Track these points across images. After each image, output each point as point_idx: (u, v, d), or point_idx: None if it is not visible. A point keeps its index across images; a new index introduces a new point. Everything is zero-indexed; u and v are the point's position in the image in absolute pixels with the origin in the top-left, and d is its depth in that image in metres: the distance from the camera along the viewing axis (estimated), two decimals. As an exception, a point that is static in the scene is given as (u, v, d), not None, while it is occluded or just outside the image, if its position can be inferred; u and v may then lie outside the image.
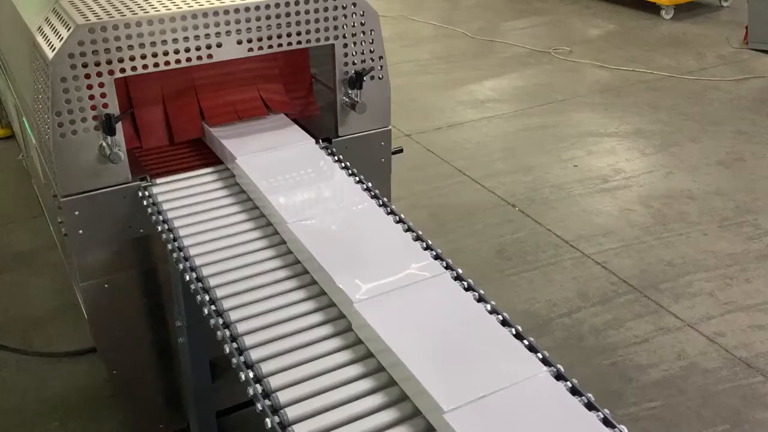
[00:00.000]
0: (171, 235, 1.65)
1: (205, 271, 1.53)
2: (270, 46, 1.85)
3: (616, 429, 1.11)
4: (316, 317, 1.41)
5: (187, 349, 1.89)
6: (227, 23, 1.77)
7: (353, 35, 1.94)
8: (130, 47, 1.69)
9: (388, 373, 1.26)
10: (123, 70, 1.70)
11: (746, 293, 2.98)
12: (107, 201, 1.80)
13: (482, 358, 1.22)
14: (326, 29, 1.90)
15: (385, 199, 1.73)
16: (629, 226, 3.45)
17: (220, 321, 1.39)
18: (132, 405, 2.16)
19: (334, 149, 1.99)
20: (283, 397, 1.21)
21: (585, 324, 2.84)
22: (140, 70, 1.72)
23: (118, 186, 1.81)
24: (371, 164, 2.09)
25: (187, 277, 1.53)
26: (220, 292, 1.47)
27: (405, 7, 6.66)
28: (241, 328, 1.37)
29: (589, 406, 1.15)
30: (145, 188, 1.82)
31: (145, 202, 1.78)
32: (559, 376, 1.20)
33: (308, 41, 1.89)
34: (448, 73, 5.32)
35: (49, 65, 1.64)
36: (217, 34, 1.77)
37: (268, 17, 1.82)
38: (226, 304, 1.44)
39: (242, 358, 1.30)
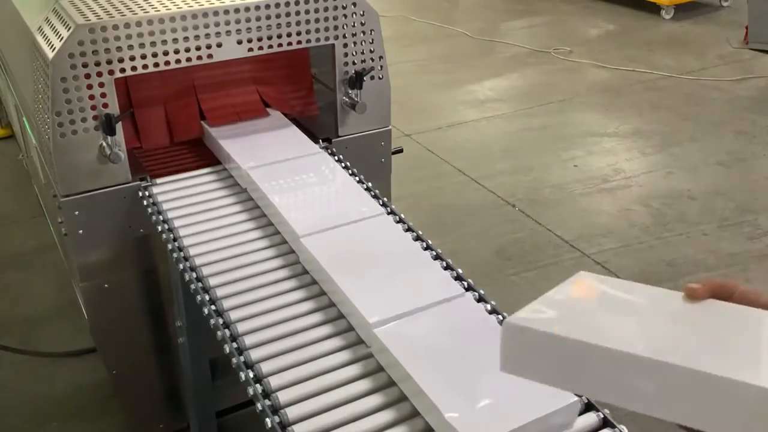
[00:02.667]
0: (171, 235, 1.65)
1: (205, 271, 1.53)
2: (270, 46, 1.85)
3: (616, 429, 1.11)
4: (316, 317, 1.41)
5: (187, 349, 1.89)
6: (227, 23, 1.77)
7: (353, 35, 1.94)
8: (130, 47, 1.69)
9: (387, 374, 1.26)
10: (123, 70, 1.70)
11: (746, 293, 2.98)
12: (107, 201, 1.80)
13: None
14: (326, 29, 1.90)
15: (385, 199, 1.73)
16: (629, 226, 3.45)
17: (220, 321, 1.39)
18: (132, 405, 2.16)
19: (334, 149, 1.99)
20: (283, 397, 1.21)
21: (585, 324, 2.84)
22: (140, 70, 1.72)
23: (118, 186, 1.80)
24: (371, 164, 2.09)
25: (187, 277, 1.53)
26: (220, 292, 1.47)
27: (405, 7, 6.66)
28: (241, 328, 1.37)
29: (589, 406, 1.14)
30: (145, 188, 1.81)
31: (145, 202, 1.78)
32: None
33: (308, 41, 1.89)
34: (448, 73, 5.32)
35: (49, 65, 1.64)
36: (217, 34, 1.77)
37: (268, 17, 1.82)
38: (226, 303, 1.44)
39: (242, 358, 1.30)
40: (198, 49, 1.76)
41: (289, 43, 1.87)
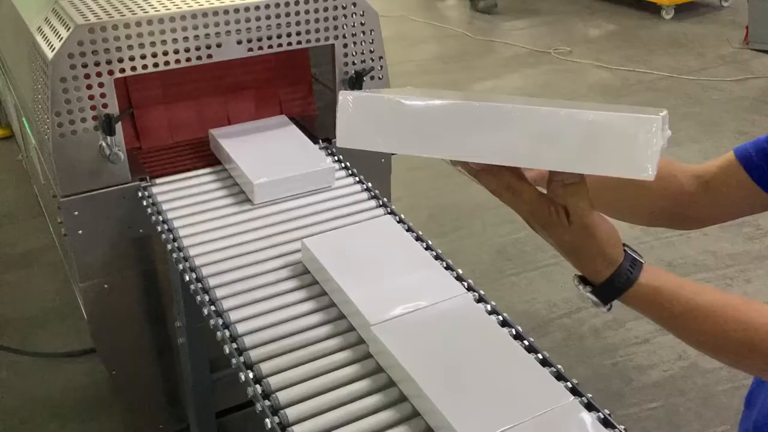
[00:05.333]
0: (171, 236, 1.65)
1: (205, 272, 1.52)
2: (270, 46, 1.85)
3: (616, 429, 1.10)
4: (317, 317, 1.41)
5: (187, 349, 1.88)
6: (227, 23, 1.77)
7: (353, 35, 1.94)
8: (130, 47, 1.69)
9: (387, 374, 1.26)
10: (123, 70, 1.70)
11: (746, 293, 2.98)
12: (107, 201, 1.80)
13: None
14: (326, 29, 1.90)
15: (385, 199, 1.73)
16: (629, 226, 3.42)
17: (220, 321, 1.39)
18: (131, 405, 2.16)
19: (333, 149, 1.99)
20: (282, 397, 1.21)
21: (585, 324, 2.84)
22: (140, 71, 1.72)
23: (117, 186, 1.80)
24: (371, 164, 2.09)
25: (187, 278, 1.53)
26: (219, 293, 1.47)
27: (405, 7, 6.66)
28: (240, 328, 1.37)
29: (589, 407, 1.14)
30: (145, 188, 1.81)
31: (144, 203, 1.78)
32: (559, 377, 1.20)
33: (308, 41, 1.89)
34: (448, 74, 5.32)
35: (49, 65, 1.64)
36: (217, 34, 1.77)
37: (268, 17, 1.82)
38: (226, 304, 1.44)
39: (242, 359, 1.30)
40: (198, 49, 1.76)
41: (289, 44, 1.87)
